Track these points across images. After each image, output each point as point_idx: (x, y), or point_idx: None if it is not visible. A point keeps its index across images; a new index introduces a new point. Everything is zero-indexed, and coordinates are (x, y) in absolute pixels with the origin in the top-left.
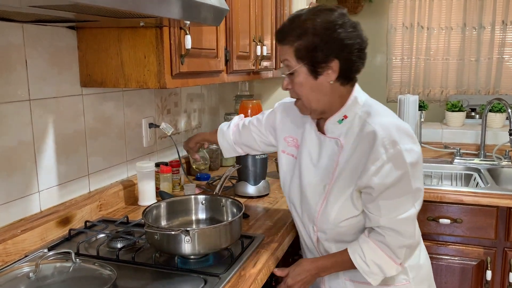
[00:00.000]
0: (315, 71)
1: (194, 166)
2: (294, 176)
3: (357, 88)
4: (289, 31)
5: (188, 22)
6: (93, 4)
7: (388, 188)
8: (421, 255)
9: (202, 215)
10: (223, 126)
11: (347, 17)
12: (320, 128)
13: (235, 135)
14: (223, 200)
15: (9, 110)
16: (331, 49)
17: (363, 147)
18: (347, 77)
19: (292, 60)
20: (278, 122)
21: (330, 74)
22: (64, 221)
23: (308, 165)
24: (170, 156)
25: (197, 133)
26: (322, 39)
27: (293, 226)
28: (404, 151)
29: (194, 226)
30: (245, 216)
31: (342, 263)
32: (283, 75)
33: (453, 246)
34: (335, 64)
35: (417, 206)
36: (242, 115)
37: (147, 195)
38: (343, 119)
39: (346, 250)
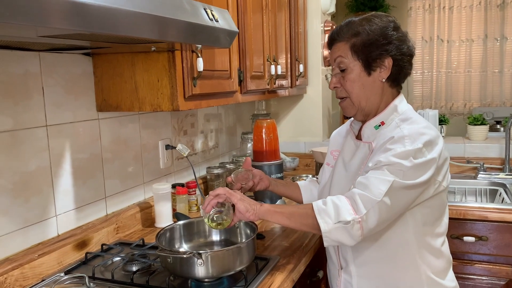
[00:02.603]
0: (369, 66)
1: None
2: (327, 183)
3: (400, 97)
4: (345, 30)
5: (200, 46)
6: (97, 32)
7: (387, 165)
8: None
9: (216, 237)
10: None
11: (399, 25)
12: (358, 136)
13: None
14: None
15: (27, 136)
16: (385, 47)
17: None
18: (396, 79)
19: (347, 56)
20: (330, 141)
21: (383, 72)
22: (81, 244)
23: (340, 169)
24: (187, 177)
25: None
26: (378, 37)
27: (310, 246)
28: (417, 151)
29: (208, 249)
30: (261, 237)
31: (294, 209)
32: (329, 76)
33: (480, 265)
34: (388, 62)
35: (403, 180)
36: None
37: (164, 217)
38: (379, 125)
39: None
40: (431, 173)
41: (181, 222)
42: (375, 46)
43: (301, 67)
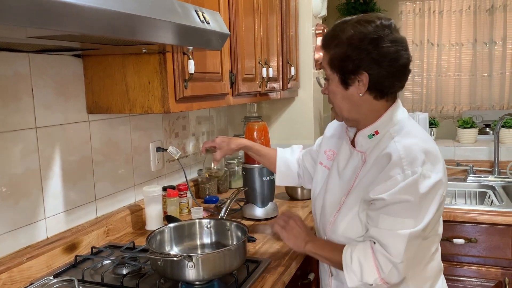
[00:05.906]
0: (345, 81)
1: (210, 173)
2: (322, 187)
3: (396, 106)
4: (330, 39)
5: (191, 48)
6: (88, 34)
7: (394, 204)
8: None
9: (207, 240)
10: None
11: (389, 30)
12: (353, 141)
13: (303, 155)
14: (228, 223)
15: (16, 138)
16: (360, 62)
17: (382, 164)
18: (380, 91)
19: (327, 67)
20: (324, 137)
21: (360, 86)
22: (71, 247)
23: (334, 176)
24: (179, 180)
25: (240, 138)
26: (353, 50)
27: None
28: (420, 177)
29: (199, 251)
30: (252, 239)
31: (334, 249)
32: (321, 80)
33: (469, 267)
34: (364, 77)
35: (418, 227)
36: (300, 146)
37: (154, 220)
38: (373, 134)
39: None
40: (440, 197)
41: (171, 225)
42: (350, 60)
43: (293, 70)
